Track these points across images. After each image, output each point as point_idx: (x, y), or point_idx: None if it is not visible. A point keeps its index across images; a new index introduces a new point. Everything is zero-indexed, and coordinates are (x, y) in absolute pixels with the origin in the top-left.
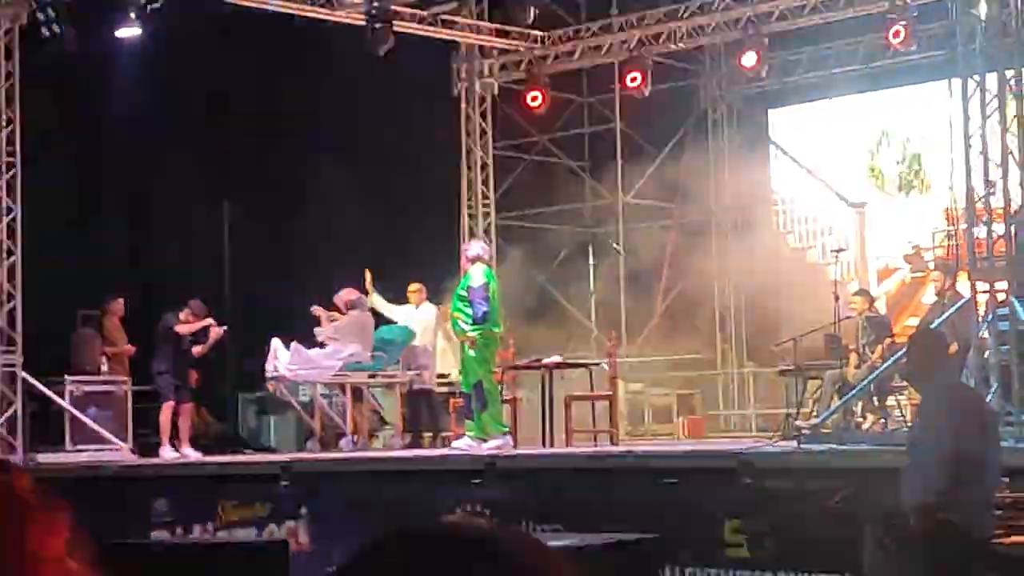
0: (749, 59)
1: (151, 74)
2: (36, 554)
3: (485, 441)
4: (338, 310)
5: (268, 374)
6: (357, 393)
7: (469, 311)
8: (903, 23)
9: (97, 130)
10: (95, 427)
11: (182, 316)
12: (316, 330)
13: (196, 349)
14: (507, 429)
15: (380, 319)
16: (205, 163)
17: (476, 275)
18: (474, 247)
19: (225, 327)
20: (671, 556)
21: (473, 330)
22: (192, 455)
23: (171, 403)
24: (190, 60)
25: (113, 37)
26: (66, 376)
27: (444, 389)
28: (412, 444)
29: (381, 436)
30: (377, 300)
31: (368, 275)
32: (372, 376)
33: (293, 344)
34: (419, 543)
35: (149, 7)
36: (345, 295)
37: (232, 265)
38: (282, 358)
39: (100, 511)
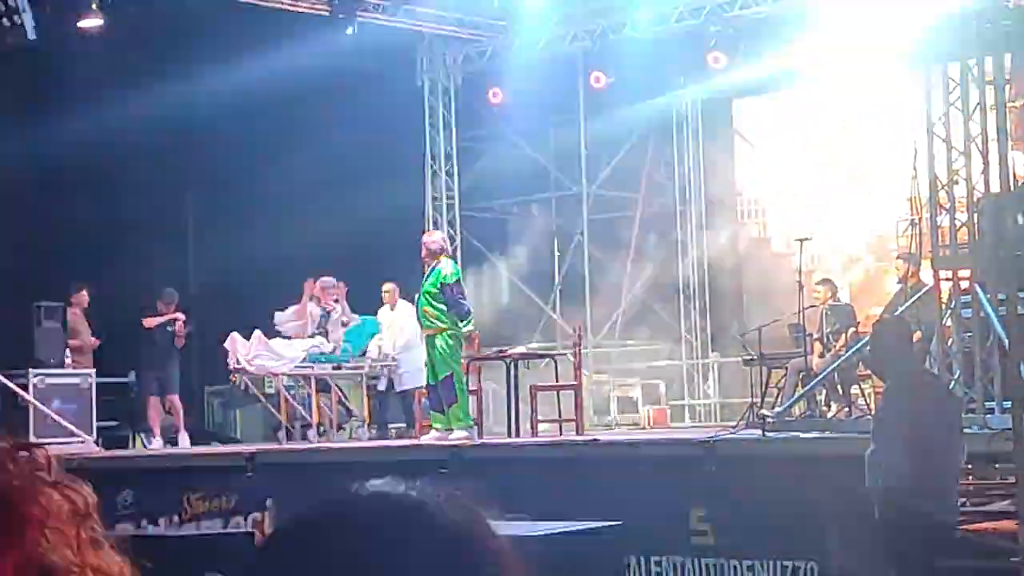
0: (715, 59)
1: (113, 65)
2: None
3: (452, 432)
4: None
5: (231, 367)
6: (322, 384)
7: (442, 307)
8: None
9: (59, 122)
10: (59, 420)
11: (159, 306)
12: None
13: (179, 341)
14: (472, 422)
15: None
16: (168, 154)
17: (450, 270)
18: (436, 239)
19: (183, 318)
20: (637, 544)
21: (464, 326)
22: (183, 443)
23: (153, 397)
24: (152, 51)
25: (75, 27)
26: (29, 369)
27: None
28: (379, 436)
29: (348, 427)
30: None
31: None
32: (337, 368)
33: (255, 333)
34: (347, 513)
35: None
36: (331, 286)
37: (196, 257)
38: (242, 350)
39: None
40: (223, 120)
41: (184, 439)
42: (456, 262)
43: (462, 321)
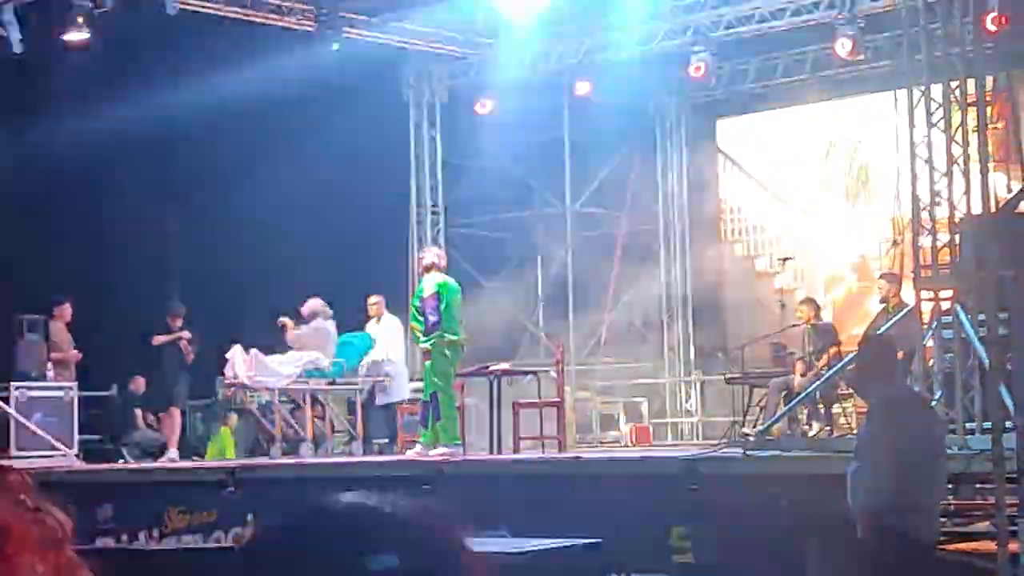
0: (696, 68)
1: (98, 78)
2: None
3: (435, 448)
4: (303, 319)
5: (227, 380)
6: (314, 399)
7: (423, 321)
8: (850, 33)
9: (43, 135)
10: (40, 432)
11: (168, 320)
12: (288, 338)
13: (189, 357)
14: (459, 441)
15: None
16: (153, 168)
17: (428, 285)
18: (428, 255)
19: (189, 336)
20: (618, 562)
21: (424, 341)
22: (171, 456)
23: (162, 412)
24: (138, 65)
25: (60, 41)
26: (11, 382)
27: (396, 399)
28: (364, 451)
29: (325, 442)
30: None
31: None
32: (332, 383)
33: (252, 351)
34: (321, 522)
35: (97, 11)
36: (310, 305)
37: (179, 271)
38: (241, 365)
39: None
40: (208, 134)
41: (174, 454)
42: (445, 278)
43: (425, 335)
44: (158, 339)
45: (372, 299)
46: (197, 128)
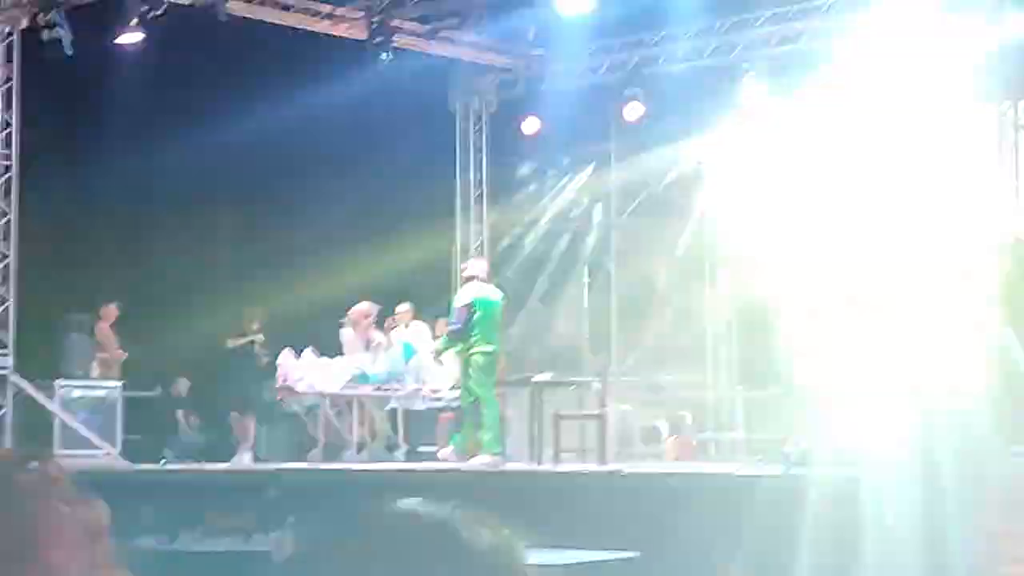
0: (747, 99)
1: (150, 81)
2: (72, 555)
3: (475, 456)
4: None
5: (278, 384)
6: (361, 404)
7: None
8: None
9: (94, 135)
10: (84, 431)
11: (244, 324)
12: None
13: (265, 360)
14: (500, 450)
15: None
16: (201, 171)
17: (463, 295)
18: (471, 267)
19: (263, 339)
20: (658, 575)
21: (443, 343)
22: (245, 461)
23: (234, 413)
24: (189, 69)
25: (114, 43)
26: (57, 380)
27: (434, 405)
28: (407, 458)
29: (368, 447)
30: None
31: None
32: (378, 389)
33: (305, 352)
34: (377, 530)
35: (151, 14)
36: (379, 317)
37: (229, 274)
38: (293, 368)
39: None
40: (256, 138)
41: (247, 458)
42: (478, 289)
43: (445, 339)
44: (232, 341)
45: (401, 307)
46: (245, 133)
